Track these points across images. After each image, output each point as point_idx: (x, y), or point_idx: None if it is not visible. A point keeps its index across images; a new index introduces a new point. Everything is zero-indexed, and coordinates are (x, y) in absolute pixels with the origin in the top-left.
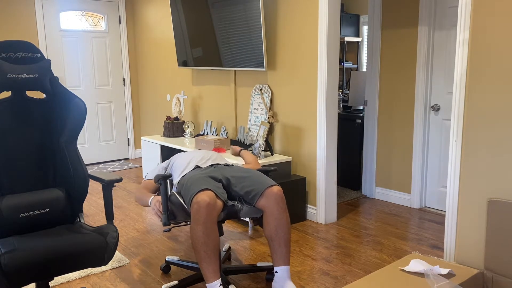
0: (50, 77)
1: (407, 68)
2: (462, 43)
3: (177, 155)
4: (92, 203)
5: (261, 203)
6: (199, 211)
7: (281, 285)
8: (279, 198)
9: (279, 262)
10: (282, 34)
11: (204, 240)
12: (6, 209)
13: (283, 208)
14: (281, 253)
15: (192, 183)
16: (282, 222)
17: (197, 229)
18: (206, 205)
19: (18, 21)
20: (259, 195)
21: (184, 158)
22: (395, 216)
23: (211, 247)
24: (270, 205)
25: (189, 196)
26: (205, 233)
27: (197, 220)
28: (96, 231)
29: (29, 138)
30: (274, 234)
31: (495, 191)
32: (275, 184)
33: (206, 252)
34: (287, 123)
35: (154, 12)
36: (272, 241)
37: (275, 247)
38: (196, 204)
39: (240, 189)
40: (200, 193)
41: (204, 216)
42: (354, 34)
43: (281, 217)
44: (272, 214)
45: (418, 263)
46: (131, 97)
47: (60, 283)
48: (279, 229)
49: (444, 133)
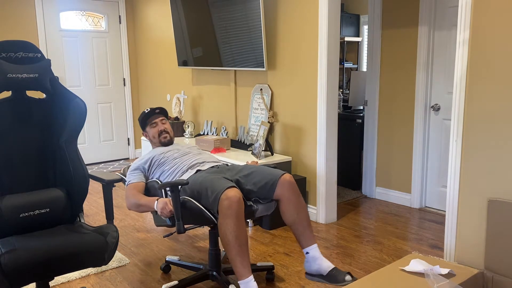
0: (50, 77)
1: (407, 68)
2: (462, 43)
3: (153, 153)
4: (92, 203)
5: (276, 193)
6: (231, 205)
7: (317, 263)
8: (293, 184)
9: (308, 242)
10: (282, 34)
11: (237, 233)
12: (6, 209)
13: (298, 192)
14: (307, 234)
15: (211, 184)
16: (301, 205)
17: (229, 224)
18: (238, 199)
19: (18, 21)
20: (276, 186)
21: (169, 159)
22: (395, 216)
23: (244, 241)
24: (286, 193)
25: (216, 194)
26: (238, 226)
27: (229, 215)
28: (96, 231)
29: (29, 138)
30: (296, 218)
31: (495, 191)
32: (284, 172)
33: (240, 246)
34: (287, 123)
35: (154, 12)
36: (296, 224)
37: (300, 230)
38: (227, 200)
39: (253, 187)
40: (228, 189)
41: (236, 209)
42: (354, 34)
43: (298, 201)
44: (290, 200)
45: (418, 263)
46: (131, 97)
47: (60, 283)
48: (299, 212)
49: (444, 133)
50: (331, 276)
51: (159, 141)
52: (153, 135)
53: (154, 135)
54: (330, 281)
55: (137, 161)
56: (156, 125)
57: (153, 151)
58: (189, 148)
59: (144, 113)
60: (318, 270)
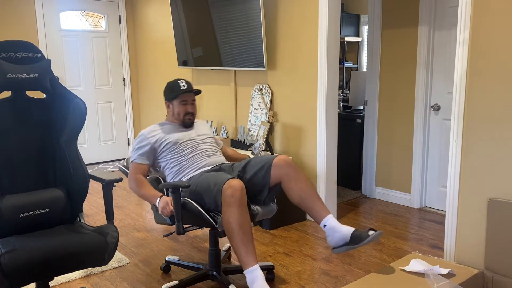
0: (50, 77)
1: (407, 68)
2: (462, 43)
3: (167, 134)
4: (92, 203)
5: (275, 174)
6: (234, 193)
7: (338, 231)
8: (289, 161)
9: (322, 214)
10: (282, 34)
11: (240, 221)
12: (6, 209)
13: (297, 168)
14: (319, 205)
15: (214, 179)
16: (303, 178)
17: (233, 211)
18: (241, 187)
19: (18, 21)
20: (270, 168)
21: (182, 152)
22: (395, 216)
23: (248, 229)
24: (285, 171)
25: (218, 185)
26: (241, 214)
27: (232, 203)
28: (96, 231)
29: (29, 138)
30: (302, 192)
31: (495, 191)
32: (278, 154)
33: (244, 233)
34: (287, 123)
35: (154, 12)
36: (304, 199)
37: (310, 203)
38: (230, 188)
39: (251, 174)
40: (230, 179)
41: (239, 197)
42: (354, 34)
43: (300, 176)
44: (291, 177)
45: (418, 263)
46: (131, 97)
47: (60, 283)
48: (304, 186)
49: (444, 133)
50: (355, 238)
51: (181, 120)
52: (178, 112)
53: (179, 113)
54: (355, 243)
55: (148, 133)
56: (186, 104)
57: (167, 130)
58: (205, 142)
59: (178, 85)
60: (342, 238)
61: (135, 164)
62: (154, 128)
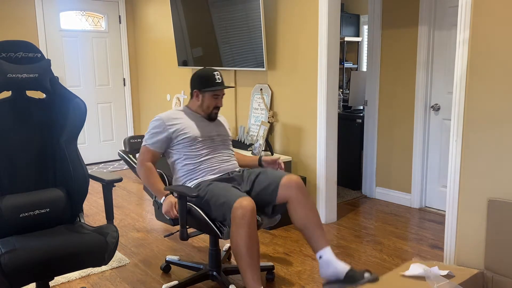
0: (50, 77)
1: (407, 68)
2: (462, 43)
3: (187, 126)
4: (92, 203)
5: (283, 194)
6: (245, 215)
7: (333, 266)
8: (301, 185)
9: (320, 245)
10: (282, 34)
11: (249, 244)
12: (6, 209)
13: (307, 193)
14: (319, 236)
15: (223, 193)
16: (311, 206)
17: (242, 234)
18: (251, 209)
19: (18, 21)
20: (278, 187)
21: (198, 151)
22: (395, 216)
23: (255, 252)
24: (294, 193)
25: (228, 203)
26: (250, 237)
27: (242, 225)
28: (96, 231)
29: (29, 138)
30: (306, 220)
31: (495, 191)
32: (288, 173)
33: (251, 258)
34: (287, 123)
35: (154, 12)
36: (307, 228)
37: (311, 232)
38: (241, 209)
39: (258, 190)
40: (241, 198)
41: (249, 219)
42: (354, 34)
43: (308, 202)
44: (299, 202)
45: (418, 266)
46: (131, 97)
47: (60, 283)
48: (309, 214)
49: (444, 133)
50: (349, 278)
51: (207, 113)
52: (208, 105)
53: (209, 106)
54: (349, 282)
55: (167, 120)
56: (217, 98)
57: (188, 120)
58: (223, 144)
59: (213, 78)
60: (335, 274)
61: (147, 149)
62: (174, 115)
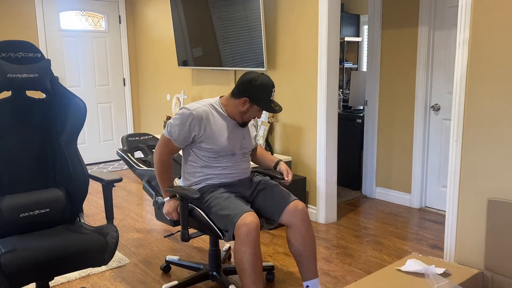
0: (50, 77)
1: (407, 68)
2: (462, 43)
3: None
4: (92, 203)
5: (286, 219)
6: (250, 233)
7: None
8: (305, 215)
9: (310, 276)
10: (282, 34)
11: (254, 262)
12: (6, 209)
13: (309, 224)
14: (311, 267)
15: (227, 204)
16: (310, 238)
17: (247, 252)
18: (256, 226)
19: (18, 21)
20: (283, 211)
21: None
22: (395, 216)
23: (260, 269)
24: (297, 222)
25: (232, 217)
26: (255, 255)
27: (247, 242)
28: (96, 231)
29: (29, 138)
30: (303, 250)
31: (495, 191)
32: (296, 198)
33: (256, 274)
34: (287, 123)
35: (154, 12)
36: (301, 256)
37: (304, 262)
38: (245, 227)
39: (263, 205)
40: (246, 214)
41: (254, 237)
42: (354, 34)
43: (309, 234)
44: (300, 231)
45: (415, 263)
46: (131, 97)
47: (60, 283)
48: (307, 245)
49: (444, 133)
50: None
51: (243, 122)
52: (249, 116)
53: (250, 117)
54: None
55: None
56: (260, 111)
57: (217, 126)
58: (245, 158)
59: (270, 94)
60: None
61: (169, 142)
62: (206, 113)
